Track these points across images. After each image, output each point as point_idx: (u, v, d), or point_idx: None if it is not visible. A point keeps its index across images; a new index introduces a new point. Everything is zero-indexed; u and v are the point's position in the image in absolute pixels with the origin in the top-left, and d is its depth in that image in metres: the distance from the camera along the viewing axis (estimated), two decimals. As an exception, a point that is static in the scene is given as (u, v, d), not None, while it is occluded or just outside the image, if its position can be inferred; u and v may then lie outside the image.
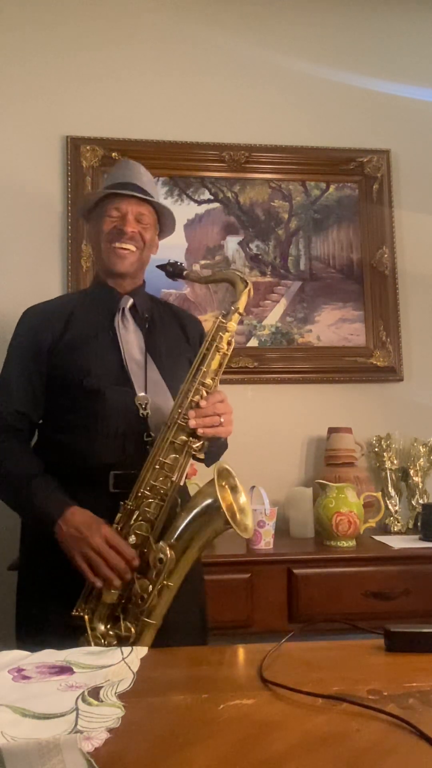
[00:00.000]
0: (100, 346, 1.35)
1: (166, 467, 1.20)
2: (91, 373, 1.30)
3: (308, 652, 0.93)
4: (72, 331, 1.36)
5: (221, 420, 1.22)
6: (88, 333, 1.37)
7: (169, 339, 1.45)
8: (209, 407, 1.21)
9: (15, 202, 2.17)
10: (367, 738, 0.64)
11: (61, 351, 1.34)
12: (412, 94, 2.42)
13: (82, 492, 1.25)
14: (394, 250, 2.33)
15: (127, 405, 1.29)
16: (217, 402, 1.23)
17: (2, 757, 0.56)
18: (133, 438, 1.28)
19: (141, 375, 1.33)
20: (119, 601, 1.15)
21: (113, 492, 1.25)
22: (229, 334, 1.29)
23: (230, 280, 1.36)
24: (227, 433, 1.27)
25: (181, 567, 1.11)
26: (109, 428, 1.28)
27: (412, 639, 0.90)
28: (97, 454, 1.27)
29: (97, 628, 1.13)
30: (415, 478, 2.13)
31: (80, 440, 1.28)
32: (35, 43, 2.24)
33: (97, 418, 1.28)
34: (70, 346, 1.34)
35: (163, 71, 2.30)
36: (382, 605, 1.65)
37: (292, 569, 1.67)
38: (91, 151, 2.20)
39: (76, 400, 1.30)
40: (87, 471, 1.27)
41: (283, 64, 2.35)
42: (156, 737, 0.66)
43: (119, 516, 1.19)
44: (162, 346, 1.41)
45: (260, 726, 0.68)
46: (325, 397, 2.23)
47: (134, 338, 1.39)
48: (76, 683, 0.79)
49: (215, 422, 1.22)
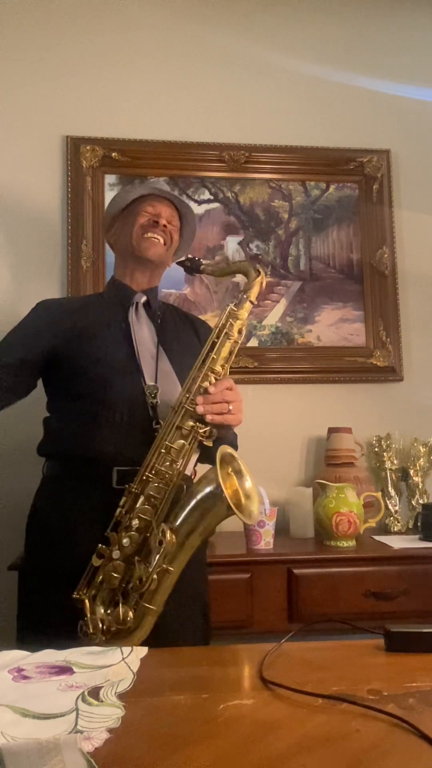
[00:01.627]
0: (112, 336, 1.37)
1: (172, 452, 1.18)
2: (101, 361, 1.31)
3: (308, 652, 0.92)
4: (84, 322, 1.38)
5: (230, 407, 1.21)
6: (100, 323, 1.39)
7: (181, 336, 1.48)
8: (218, 394, 1.21)
9: (15, 202, 2.17)
10: (367, 738, 0.64)
11: (72, 342, 1.34)
12: (412, 94, 2.42)
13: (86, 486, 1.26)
14: (394, 250, 2.33)
15: (136, 394, 1.29)
16: (225, 389, 1.22)
17: (2, 757, 0.56)
18: (140, 427, 1.27)
19: (152, 365, 1.34)
20: (120, 585, 1.14)
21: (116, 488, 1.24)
22: (240, 322, 1.29)
23: (243, 270, 1.37)
24: (236, 421, 1.25)
25: (183, 552, 1.09)
26: (115, 416, 1.28)
27: (412, 639, 0.90)
28: (102, 442, 1.26)
29: (97, 612, 1.12)
30: (415, 478, 2.13)
31: (86, 427, 1.28)
32: (35, 43, 2.24)
33: (104, 405, 1.28)
34: (81, 335, 1.35)
35: (163, 71, 2.30)
36: (382, 605, 1.65)
37: (292, 569, 1.67)
38: (91, 151, 2.20)
39: (84, 387, 1.31)
40: (91, 462, 1.27)
41: (284, 64, 2.35)
42: (156, 737, 0.66)
43: (124, 499, 1.19)
44: (174, 341, 1.44)
45: (260, 726, 0.68)
46: (325, 397, 2.23)
47: (147, 331, 1.42)
48: (76, 683, 0.79)
49: (224, 409, 1.21)
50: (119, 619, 1.09)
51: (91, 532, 1.23)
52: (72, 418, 1.31)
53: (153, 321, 1.45)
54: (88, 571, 1.16)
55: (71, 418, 1.31)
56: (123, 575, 1.13)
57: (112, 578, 1.13)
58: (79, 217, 2.17)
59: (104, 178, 2.22)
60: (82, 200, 2.18)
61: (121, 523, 1.17)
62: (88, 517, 1.25)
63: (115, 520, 1.18)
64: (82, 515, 1.26)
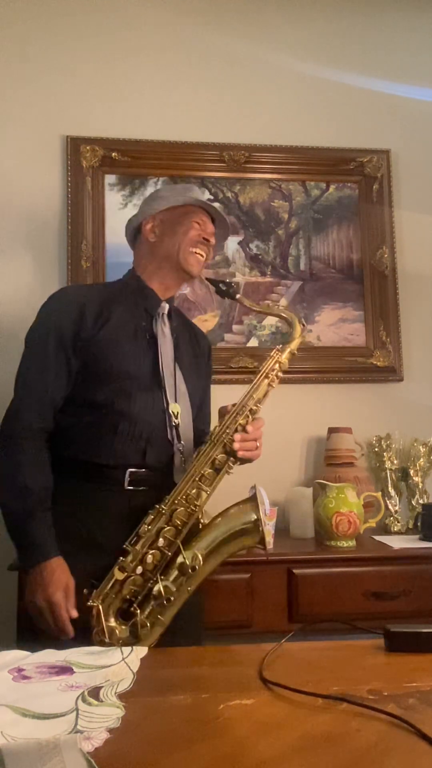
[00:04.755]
0: (138, 348, 1.35)
1: (204, 480, 1.25)
2: (126, 374, 1.31)
3: (308, 652, 0.93)
4: (109, 324, 1.33)
5: (257, 445, 1.31)
6: (126, 331, 1.35)
7: (189, 351, 1.49)
8: (253, 433, 1.30)
9: (15, 202, 2.17)
10: (367, 738, 0.64)
11: (96, 343, 1.30)
12: (412, 94, 2.42)
13: (95, 486, 1.28)
14: (394, 250, 2.33)
15: (156, 411, 1.32)
16: (259, 428, 1.32)
17: (2, 757, 0.56)
18: (157, 444, 1.31)
19: (172, 384, 1.37)
20: (136, 597, 1.17)
21: (128, 489, 1.27)
22: (279, 368, 1.37)
23: (288, 320, 1.45)
24: (258, 456, 1.34)
25: (200, 574, 1.17)
26: (133, 430, 1.29)
27: (412, 639, 0.90)
28: (117, 455, 1.28)
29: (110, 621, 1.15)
30: (415, 478, 2.13)
31: (103, 439, 1.28)
32: (35, 43, 2.24)
33: (125, 419, 1.29)
34: (107, 340, 1.31)
35: (163, 71, 2.30)
36: (382, 605, 1.65)
37: (292, 569, 1.67)
38: (91, 151, 2.20)
39: (103, 396, 1.29)
40: (104, 468, 1.28)
41: (283, 64, 2.35)
42: (156, 737, 0.66)
43: (151, 517, 1.21)
44: (186, 357, 1.45)
45: (260, 726, 0.68)
46: (325, 397, 2.23)
47: (169, 346, 1.42)
48: (76, 683, 0.79)
49: (253, 447, 1.30)
50: (135, 629, 1.14)
51: (93, 534, 1.24)
52: (90, 425, 1.29)
53: (172, 335, 1.44)
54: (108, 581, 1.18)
55: (89, 425, 1.29)
56: (141, 589, 1.17)
57: (130, 590, 1.17)
58: (79, 218, 2.17)
59: (104, 178, 2.22)
60: (82, 200, 2.18)
61: (144, 539, 1.20)
62: (94, 520, 1.26)
63: (137, 535, 1.21)
64: (86, 518, 1.26)
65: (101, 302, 1.36)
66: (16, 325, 1.42)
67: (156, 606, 1.14)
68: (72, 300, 1.35)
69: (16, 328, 1.41)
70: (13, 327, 1.42)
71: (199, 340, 1.57)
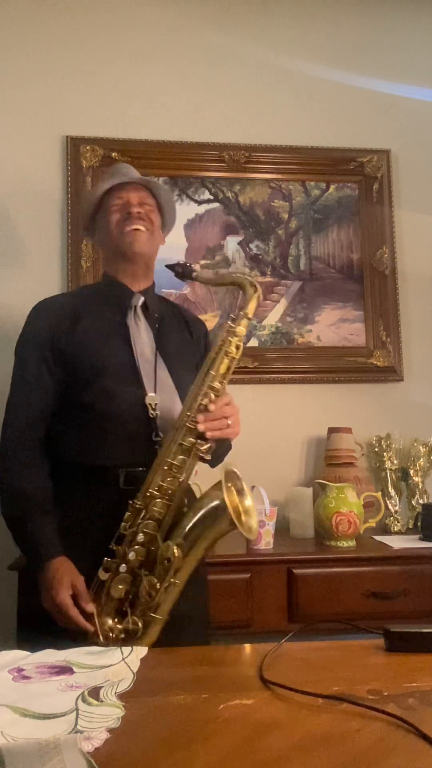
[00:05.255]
0: (113, 345, 1.36)
1: (174, 468, 1.21)
2: (103, 372, 1.31)
3: (308, 652, 0.93)
4: (83, 327, 1.36)
5: (228, 422, 1.24)
6: (100, 330, 1.37)
7: (176, 339, 1.46)
8: (217, 410, 1.23)
9: (15, 202, 2.17)
10: (367, 738, 0.64)
11: (73, 348, 1.33)
12: (412, 94, 2.42)
13: (91, 487, 1.27)
14: (394, 250, 2.33)
15: (137, 405, 1.30)
16: (224, 405, 1.25)
17: (2, 757, 0.56)
18: (141, 438, 1.29)
19: (152, 374, 1.34)
20: (126, 596, 1.16)
21: (123, 488, 1.26)
22: (237, 339, 1.29)
23: (239, 284, 1.36)
24: (235, 434, 1.28)
25: (187, 565, 1.13)
26: (118, 428, 1.28)
27: (412, 639, 0.90)
28: (106, 453, 1.28)
29: (105, 623, 1.14)
30: (415, 478, 2.13)
31: (91, 439, 1.29)
32: (35, 43, 2.24)
33: (109, 417, 1.29)
34: (82, 343, 1.34)
35: (163, 71, 2.30)
36: (382, 605, 1.65)
37: (292, 569, 1.67)
38: (91, 151, 2.20)
39: (87, 397, 1.30)
40: (96, 469, 1.28)
41: (283, 64, 2.35)
42: (156, 737, 0.66)
43: (128, 515, 1.20)
44: (170, 346, 1.42)
45: (260, 726, 0.68)
46: (325, 397, 2.23)
47: (146, 337, 1.40)
48: (76, 683, 0.79)
49: (223, 425, 1.24)
50: (129, 628, 1.12)
51: (92, 534, 1.24)
52: (76, 427, 1.30)
53: (151, 326, 1.42)
54: (95, 583, 1.18)
55: (76, 427, 1.31)
56: (129, 587, 1.16)
57: (119, 590, 1.15)
58: (80, 217, 2.16)
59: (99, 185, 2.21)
60: (82, 200, 2.18)
61: (126, 537, 1.19)
62: (92, 519, 1.26)
63: (120, 534, 1.19)
64: (85, 517, 1.26)
65: (75, 307, 1.40)
66: (17, 324, 1.42)
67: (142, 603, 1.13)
68: (48, 311, 1.40)
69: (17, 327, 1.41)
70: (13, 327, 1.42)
71: (191, 327, 1.52)
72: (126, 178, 1.46)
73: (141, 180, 1.47)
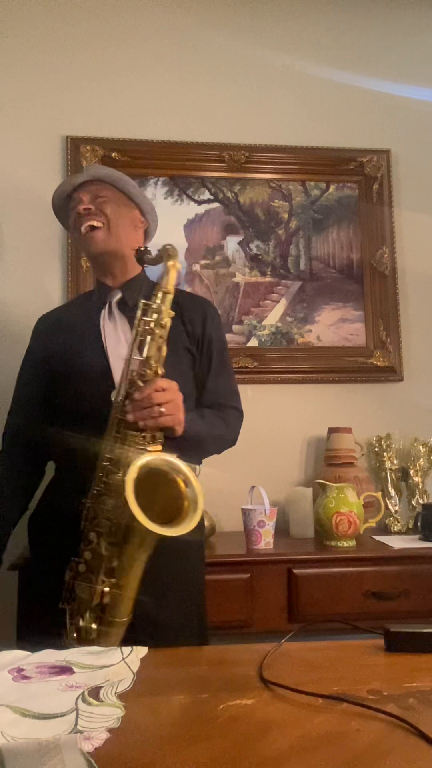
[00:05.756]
0: (84, 346, 1.35)
1: (114, 464, 1.16)
2: (74, 374, 1.31)
3: (308, 652, 0.92)
4: (65, 335, 1.40)
5: (162, 410, 1.15)
6: (74, 334, 1.39)
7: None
8: (144, 399, 1.14)
9: (15, 202, 2.17)
10: (367, 738, 0.64)
11: (54, 357, 1.38)
12: (412, 94, 2.42)
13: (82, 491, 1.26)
14: (394, 250, 2.33)
15: (106, 403, 1.24)
16: (153, 391, 1.15)
17: (2, 757, 0.56)
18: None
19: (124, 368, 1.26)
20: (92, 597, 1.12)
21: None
22: (159, 315, 1.21)
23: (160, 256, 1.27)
24: (173, 422, 1.18)
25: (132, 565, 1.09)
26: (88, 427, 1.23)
27: (412, 639, 0.90)
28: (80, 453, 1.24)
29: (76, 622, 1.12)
30: (415, 478, 2.13)
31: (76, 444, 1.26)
32: (35, 44, 2.24)
33: (79, 417, 1.28)
34: (60, 350, 1.38)
35: (163, 71, 2.30)
36: (382, 605, 1.65)
37: (292, 569, 1.67)
38: (91, 151, 2.20)
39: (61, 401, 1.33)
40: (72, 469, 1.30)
41: (283, 64, 2.35)
42: (156, 737, 0.66)
43: (84, 513, 1.17)
44: None
45: (260, 726, 0.68)
46: (325, 397, 2.23)
47: (121, 333, 1.36)
48: (76, 683, 0.79)
49: (154, 413, 1.14)
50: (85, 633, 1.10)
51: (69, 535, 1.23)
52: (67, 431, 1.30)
53: (130, 320, 1.35)
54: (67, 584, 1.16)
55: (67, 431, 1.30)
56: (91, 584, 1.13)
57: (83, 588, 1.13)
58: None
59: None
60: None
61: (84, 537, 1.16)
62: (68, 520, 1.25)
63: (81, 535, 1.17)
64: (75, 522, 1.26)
65: (65, 317, 1.44)
66: (18, 324, 1.42)
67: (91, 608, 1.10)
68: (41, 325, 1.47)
69: (17, 327, 1.42)
70: (14, 327, 1.42)
71: (184, 312, 1.41)
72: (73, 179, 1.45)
73: (87, 175, 1.44)
